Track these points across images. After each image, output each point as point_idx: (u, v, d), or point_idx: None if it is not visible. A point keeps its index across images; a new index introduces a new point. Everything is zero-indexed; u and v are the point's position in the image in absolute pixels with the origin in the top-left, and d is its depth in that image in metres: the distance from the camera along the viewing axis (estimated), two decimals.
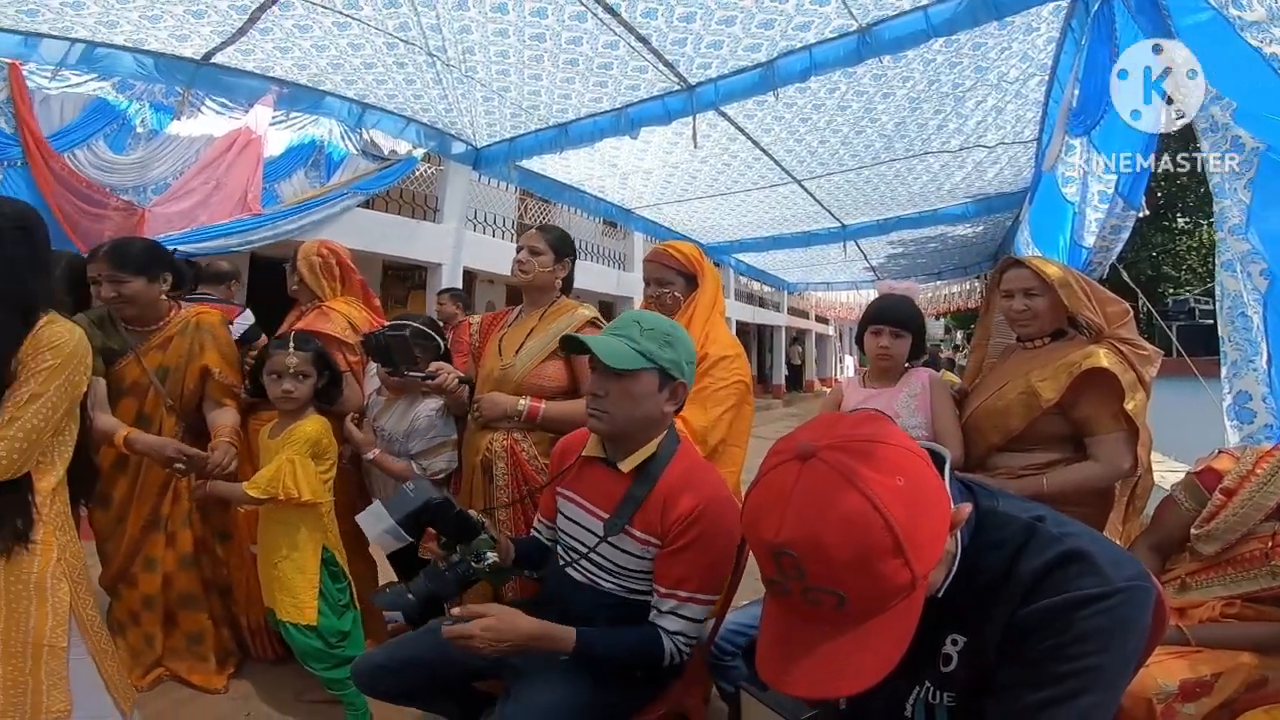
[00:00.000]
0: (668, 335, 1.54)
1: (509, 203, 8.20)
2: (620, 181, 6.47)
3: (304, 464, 2.09)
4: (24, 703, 1.59)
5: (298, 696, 2.42)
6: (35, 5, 3.29)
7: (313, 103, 4.49)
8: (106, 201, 4.86)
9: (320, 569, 2.16)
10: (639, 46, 3.70)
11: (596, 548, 1.57)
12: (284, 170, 5.48)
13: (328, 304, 2.70)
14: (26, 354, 1.59)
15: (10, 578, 1.60)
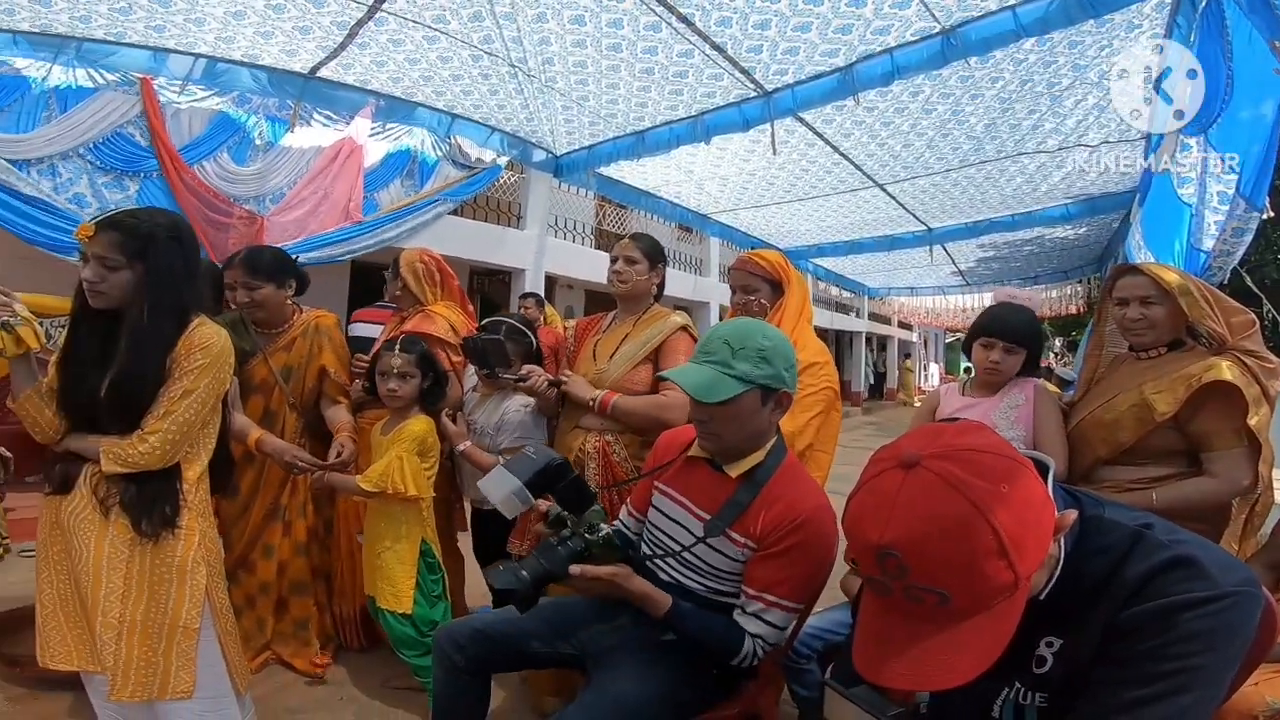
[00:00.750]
0: (762, 350, 1.49)
1: (587, 209, 8.30)
2: (696, 188, 6.44)
3: (411, 461, 2.16)
4: (153, 681, 1.70)
5: (385, 683, 2.49)
6: (162, 21, 3.57)
7: (406, 114, 4.68)
8: (230, 211, 5.19)
9: (418, 561, 2.23)
10: (714, 54, 3.67)
11: (692, 547, 1.57)
12: (382, 180, 5.73)
13: (430, 308, 2.76)
14: (180, 354, 1.70)
15: (156, 560, 1.71)
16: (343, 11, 3.52)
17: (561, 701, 2.29)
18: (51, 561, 1.79)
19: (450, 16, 3.56)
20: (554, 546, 1.50)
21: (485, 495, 1.55)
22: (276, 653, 2.61)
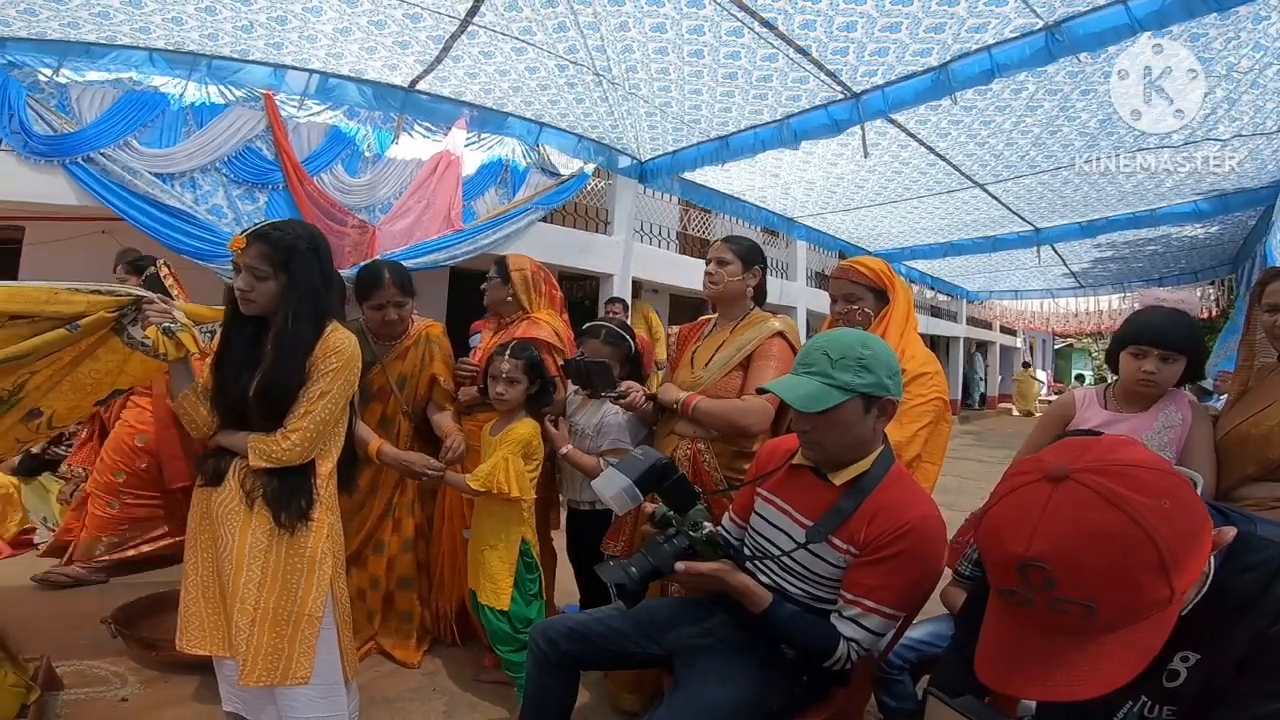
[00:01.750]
0: (862, 359, 1.44)
1: (672, 213, 8.23)
2: (782, 192, 6.26)
3: (516, 463, 2.18)
4: (278, 667, 1.76)
5: (475, 676, 2.52)
6: (280, 39, 3.81)
7: (498, 124, 4.80)
8: (346, 220, 5.33)
9: (517, 560, 2.26)
10: (798, 58, 3.54)
11: (793, 552, 1.54)
12: (478, 188, 5.86)
13: (535, 315, 2.74)
14: (317, 357, 1.77)
15: (290, 551, 1.78)
16: (437, 26, 3.64)
17: (639, 699, 2.29)
18: (199, 550, 1.88)
19: (536, 28, 3.60)
20: (660, 544, 1.50)
21: (598, 494, 1.57)
22: (380, 643, 2.66)
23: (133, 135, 4.51)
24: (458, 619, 2.72)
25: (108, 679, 2.38)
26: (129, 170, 4.46)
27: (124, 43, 3.79)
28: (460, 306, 6.99)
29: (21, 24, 3.54)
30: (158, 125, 4.65)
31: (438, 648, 2.72)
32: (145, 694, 2.32)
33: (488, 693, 2.43)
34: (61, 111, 4.35)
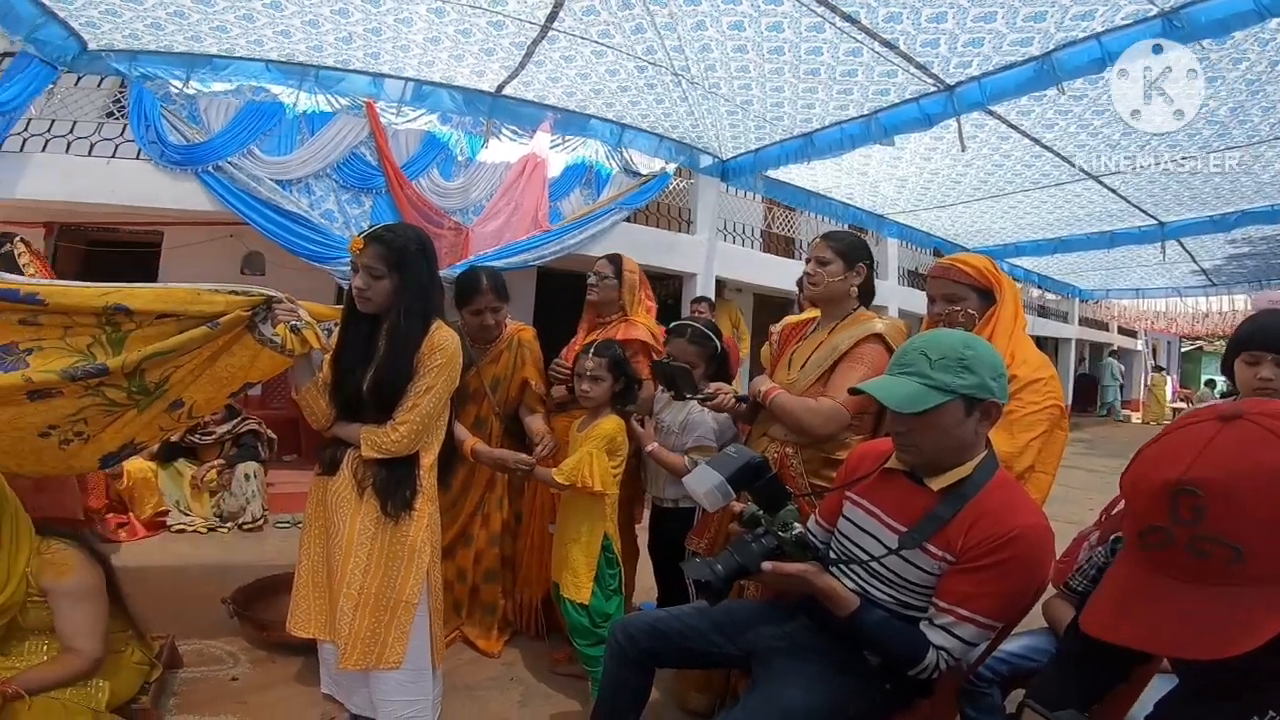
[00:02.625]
0: (963, 359, 1.37)
1: (755, 211, 8.00)
2: (871, 189, 5.95)
3: (600, 458, 2.19)
4: (374, 652, 1.83)
5: (552, 668, 2.55)
6: (376, 49, 3.98)
7: (580, 126, 4.82)
8: (443, 222, 5.45)
9: (599, 554, 2.26)
10: (885, 51, 3.33)
11: (884, 557, 1.47)
12: (564, 189, 5.90)
13: (632, 316, 2.73)
14: (424, 353, 1.85)
15: (393, 539, 1.86)
16: (519, 32, 3.68)
17: (706, 698, 2.27)
18: (312, 535, 1.99)
19: (614, 30, 3.57)
20: (748, 543, 1.47)
21: (689, 490, 1.57)
22: (464, 633, 2.71)
23: (254, 143, 4.79)
24: (541, 611, 2.74)
25: (222, 658, 2.50)
26: (253, 178, 4.76)
27: (241, 54, 4.05)
28: (548, 305, 7.10)
29: (150, 37, 3.82)
30: (275, 133, 4.91)
31: (518, 639, 2.76)
32: (254, 673, 2.41)
33: (562, 684, 2.45)
34: (192, 122, 4.67)
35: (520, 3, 3.38)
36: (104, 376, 1.74)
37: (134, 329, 1.78)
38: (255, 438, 4.34)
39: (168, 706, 2.15)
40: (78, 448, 1.90)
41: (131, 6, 3.45)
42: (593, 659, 2.19)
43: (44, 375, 1.69)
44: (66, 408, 1.78)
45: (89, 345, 1.76)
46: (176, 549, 3.69)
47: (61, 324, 1.75)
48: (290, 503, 4.27)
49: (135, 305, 1.76)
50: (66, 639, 1.81)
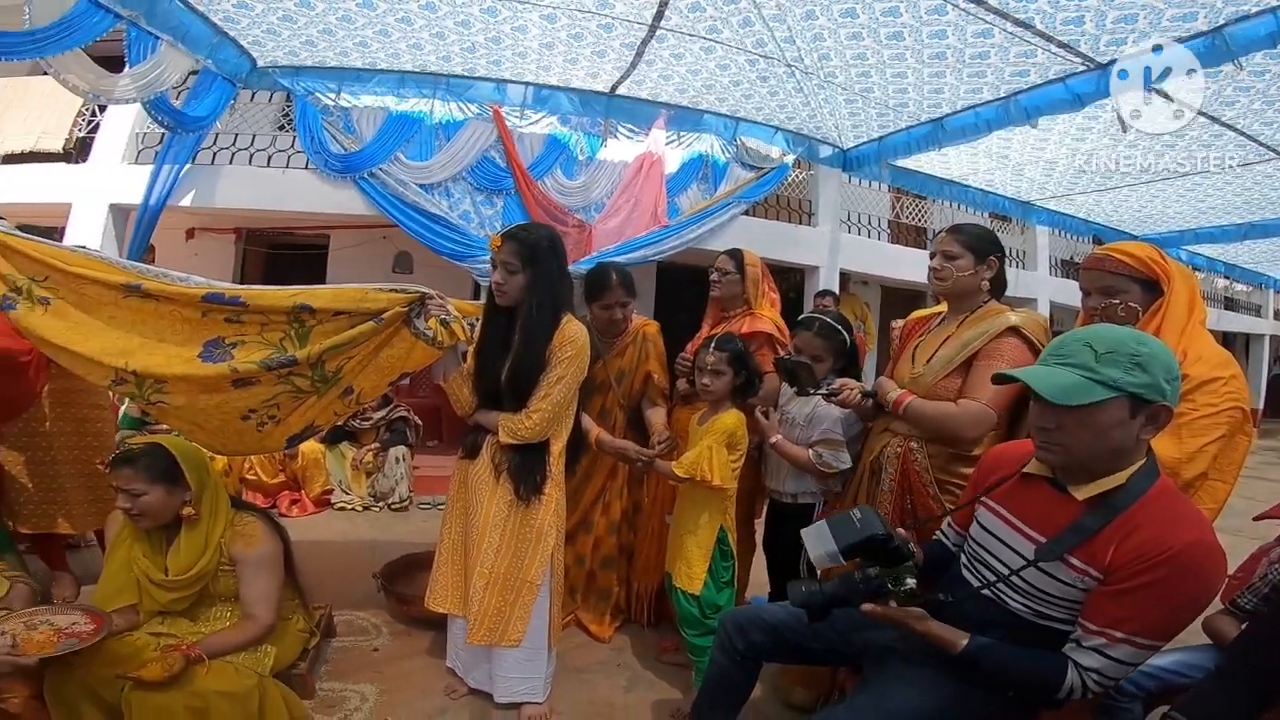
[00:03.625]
0: (1136, 356, 1.21)
1: (882, 202, 7.44)
2: (1014, 173, 5.33)
3: (719, 452, 2.17)
4: (498, 629, 1.93)
5: (658, 656, 2.54)
6: (498, 56, 4.13)
7: (694, 121, 4.73)
8: (566, 220, 5.56)
9: (714, 547, 2.25)
10: (1019, 31, 2.93)
11: (1021, 570, 1.35)
12: (681, 185, 5.81)
13: (756, 310, 2.66)
14: (555, 345, 1.93)
15: (523, 522, 1.95)
16: (629, 34, 3.66)
17: (810, 694, 2.22)
18: (454, 516, 2.12)
19: (722, 26, 3.45)
20: (855, 581, 1.42)
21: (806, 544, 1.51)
22: (579, 617, 2.73)
23: (400, 151, 5.15)
24: (654, 601, 2.74)
25: (367, 629, 2.61)
26: (400, 182, 5.12)
27: (382, 67, 4.35)
28: (668, 299, 7.10)
29: (307, 54, 4.18)
30: (417, 141, 5.23)
31: (628, 626, 2.78)
32: (392, 645, 2.51)
33: (667, 673, 2.45)
34: (348, 132, 5.09)
35: (627, 4, 3.35)
36: (293, 367, 1.93)
37: (315, 325, 1.96)
38: (405, 424, 4.59)
39: (320, 673, 2.25)
40: (270, 429, 2.09)
41: (288, 25, 3.78)
42: (699, 649, 2.20)
43: (246, 366, 1.90)
44: (263, 394, 1.99)
45: (280, 340, 1.95)
46: (337, 525, 3.94)
47: (259, 322, 1.95)
48: (432, 485, 4.50)
49: (316, 304, 1.94)
50: (247, 606, 1.93)
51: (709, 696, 1.75)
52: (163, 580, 1.85)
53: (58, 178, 5.32)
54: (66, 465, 2.51)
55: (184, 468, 1.86)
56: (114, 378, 1.89)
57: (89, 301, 1.93)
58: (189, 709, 1.66)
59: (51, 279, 1.92)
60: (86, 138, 5.46)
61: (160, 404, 1.95)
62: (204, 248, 6.90)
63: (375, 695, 2.16)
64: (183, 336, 1.94)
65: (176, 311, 1.93)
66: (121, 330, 1.92)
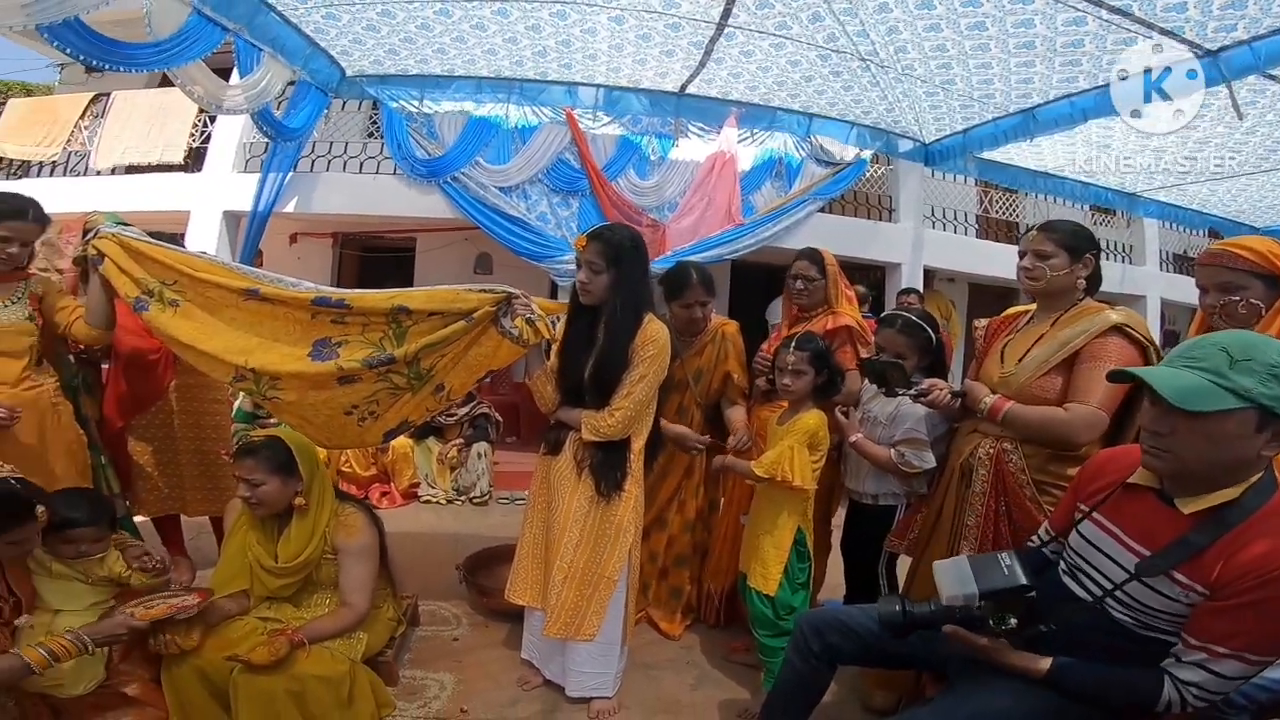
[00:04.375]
0: (1276, 367, 1.15)
1: (968, 196, 7.06)
2: (1117, 163, 4.95)
3: (801, 453, 2.14)
4: (573, 623, 1.97)
5: (728, 655, 2.53)
6: (569, 60, 4.23)
7: (766, 119, 4.69)
8: (641, 220, 5.56)
9: (790, 548, 2.22)
10: (1115, 19, 2.74)
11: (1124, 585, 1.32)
12: (755, 183, 5.76)
13: (836, 309, 2.62)
14: (638, 344, 1.96)
15: (603, 518, 1.99)
16: (696, 32, 3.68)
17: (889, 697, 2.19)
18: (536, 511, 2.19)
19: (791, 22, 3.42)
20: (954, 612, 1.39)
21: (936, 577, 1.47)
22: (650, 614, 2.73)
23: (479, 155, 5.35)
24: (726, 601, 2.73)
25: (448, 619, 2.68)
26: (480, 186, 5.33)
27: (460, 73, 4.52)
28: (743, 297, 7.04)
29: (390, 62, 4.40)
30: (495, 145, 5.42)
31: (698, 625, 2.77)
32: (470, 635, 2.58)
33: (735, 672, 2.45)
34: (431, 138, 5.33)
35: (693, 3, 3.37)
36: (391, 365, 2.03)
37: (411, 325, 2.04)
38: (486, 420, 4.74)
39: (403, 661, 2.32)
40: (369, 424, 2.18)
41: (372, 35, 3.98)
42: (771, 650, 2.17)
43: (350, 364, 2.01)
44: (364, 391, 2.08)
45: (380, 339, 2.05)
46: (423, 518, 4.08)
47: (361, 323, 2.06)
48: (511, 481, 4.61)
49: (413, 305, 2.03)
50: (344, 593, 2.01)
51: (780, 699, 1.74)
52: (272, 567, 1.96)
53: (177, 187, 5.80)
54: (187, 455, 2.72)
55: (298, 460, 1.97)
56: (235, 374, 2.04)
57: (213, 304, 2.09)
58: (288, 692, 1.75)
59: (180, 283, 2.08)
60: (200, 148, 5.94)
61: (275, 399, 2.09)
62: (305, 251, 7.35)
63: (453, 684, 2.23)
64: (295, 336, 2.07)
65: (289, 313, 2.07)
66: (241, 330, 2.07)
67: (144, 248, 2.09)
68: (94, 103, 6.14)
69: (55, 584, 1.86)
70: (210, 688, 1.80)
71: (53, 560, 1.85)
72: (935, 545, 2.01)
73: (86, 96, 6.24)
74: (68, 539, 1.86)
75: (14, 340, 2.06)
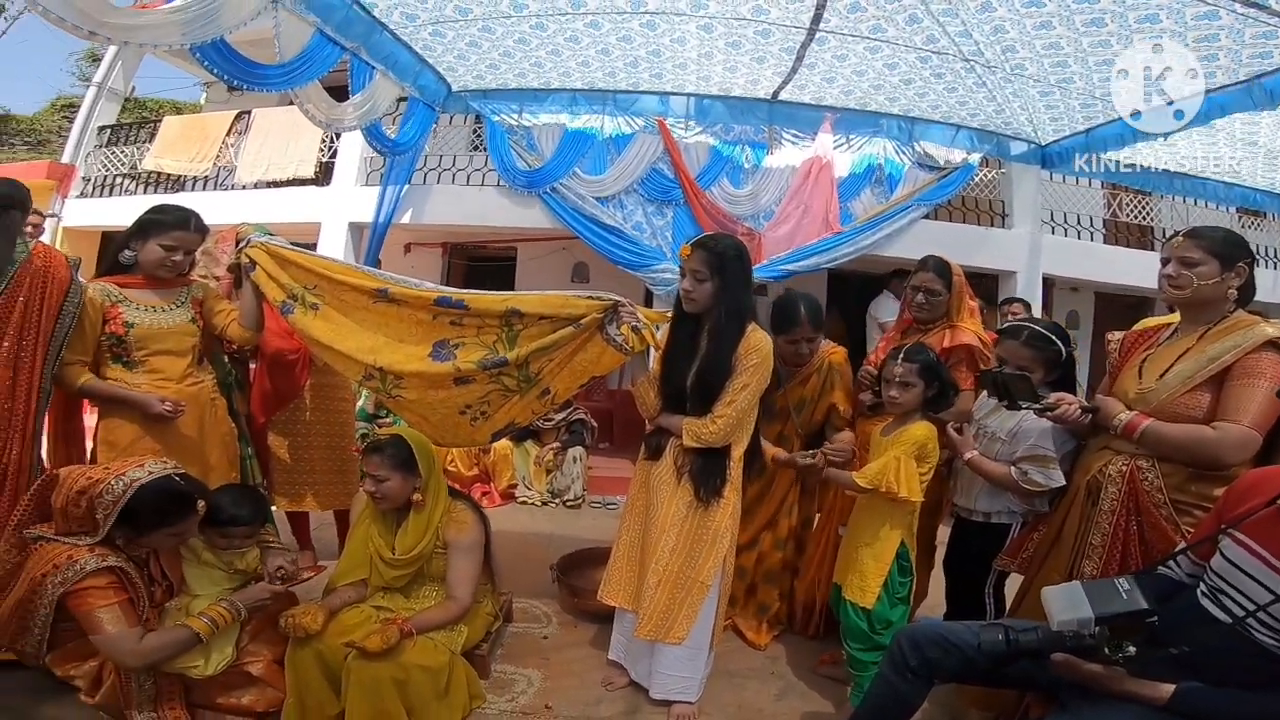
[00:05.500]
0: None
1: (1093, 199, 6.54)
2: (1267, 161, 4.49)
3: (908, 464, 2.10)
4: (664, 626, 2.02)
5: (815, 667, 2.52)
6: (659, 69, 4.32)
7: (863, 123, 4.62)
8: (736, 229, 5.41)
9: (892, 561, 2.19)
10: (1251, 13, 2.54)
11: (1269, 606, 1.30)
12: (853, 190, 5.68)
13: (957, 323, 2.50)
14: (741, 353, 2.00)
15: (700, 524, 2.03)
16: (786, 38, 3.69)
17: (985, 716, 2.15)
18: (634, 514, 2.21)
19: (885, 25, 3.39)
20: (1064, 639, 1.36)
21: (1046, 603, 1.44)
22: (735, 622, 2.74)
23: (577, 166, 5.60)
24: (820, 614, 2.71)
25: (539, 617, 2.79)
26: (578, 196, 5.58)
27: (555, 86, 4.70)
28: (839, 307, 6.92)
29: (491, 76, 4.63)
30: (591, 156, 5.66)
31: (786, 636, 2.77)
32: (559, 634, 2.68)
33: (821, 685, 2.44)
34: (530, 150, 5.62)
35: (782, 9, 3.39)
36: (503, 367, 2.15)
37: (522, 329, 2.15)
38: (583, 425, 4.89)
39: (496, 655, 2.43)
40: (480, 424, 2.31)
41: (475, 50, 4.21)
42: (862, 664, 2.16)
43: (467, 365, 2.15)
44: (478, 391, 2.22)
45: (494, 342, 2.17)
46: (519, 518, 4.27)
47: (476, 325, 2.19)
48: (604, 485, 4.76)
49: (525, 309, 2.15)
50: (451, 587, 2.12)
51: (869, 714, 1.72)
52: (390, 558, 2.11)
53: (308, 200, 6.39)
54: (319, 451, 2.98)
55: (418, 458, 2.11)
56: (364, 373, 2.21)
57: (346, 305, 2.27)
58: (393, 679, 1.85)
59: (319, 286, 2.27)
60: (329, 163, 6.51)
61: (398, 397, 2.24)
62: (418, 261, 7.88)
63: (540, 680, 2.31)
64: (417, 337, 2.22)
65: (413, 315, 2.23)
66: (369, 331, 2.24)
67: (289, 254, 2.30)
68: (237, 120, 6.83)
69: (201, 570, 2.05)
70: (325, 670, 1.93)
71: (205, 549, 2.06)
72: (1052, 564, 1.96)
73: (232, 114, 6.94)
74: (226, 533, 2.07)
75: (179, 340, 2.32)
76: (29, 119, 14.03)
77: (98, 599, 1.74)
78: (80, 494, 1.79)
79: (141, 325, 2.24)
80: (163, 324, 2.28)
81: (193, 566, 2.06)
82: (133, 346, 2.23)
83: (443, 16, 3.68)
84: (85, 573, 1.75)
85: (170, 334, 2.30)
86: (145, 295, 2.29)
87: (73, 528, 1.83)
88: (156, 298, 2.30)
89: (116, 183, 7.29)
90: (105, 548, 1.81)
